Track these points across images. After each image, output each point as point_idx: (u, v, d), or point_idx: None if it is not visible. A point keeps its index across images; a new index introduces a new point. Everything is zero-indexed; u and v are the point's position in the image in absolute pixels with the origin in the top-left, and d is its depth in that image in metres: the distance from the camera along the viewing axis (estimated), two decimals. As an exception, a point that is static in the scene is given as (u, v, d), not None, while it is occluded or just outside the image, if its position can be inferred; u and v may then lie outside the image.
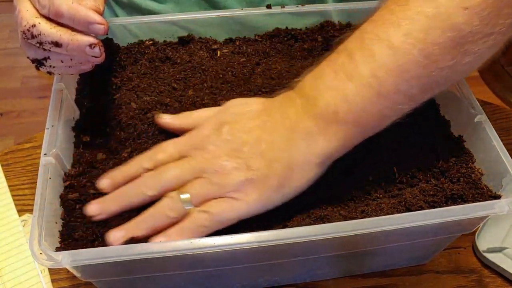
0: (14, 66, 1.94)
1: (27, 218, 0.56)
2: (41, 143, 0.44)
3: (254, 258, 0.43)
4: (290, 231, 0.38)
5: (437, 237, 0.47)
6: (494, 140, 0.46)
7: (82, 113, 0.50)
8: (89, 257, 0.37)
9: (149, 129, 0.47)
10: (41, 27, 0.40)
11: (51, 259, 0.36)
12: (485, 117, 0.47)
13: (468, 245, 0.56)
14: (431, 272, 0.54)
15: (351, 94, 0.40)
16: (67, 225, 0.42)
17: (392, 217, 0.40)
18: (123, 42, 0.56)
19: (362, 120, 0.40)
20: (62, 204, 0.43)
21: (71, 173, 0.45)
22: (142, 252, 0.37)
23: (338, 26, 0.59)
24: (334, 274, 0.52)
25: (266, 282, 0.51)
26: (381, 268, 0.53)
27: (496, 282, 0.53)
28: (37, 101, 1.81)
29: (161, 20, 0.56)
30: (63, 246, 0.40)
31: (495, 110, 0.70)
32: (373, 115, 0.40)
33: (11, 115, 1.77)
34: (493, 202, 0.41)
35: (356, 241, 0.43)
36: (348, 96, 0.40)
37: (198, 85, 0.52)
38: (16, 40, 0.55)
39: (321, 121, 0.41)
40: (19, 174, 0.60)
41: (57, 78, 0.49)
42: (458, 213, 0.40)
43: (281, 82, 0.52)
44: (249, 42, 0.59)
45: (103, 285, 0.45)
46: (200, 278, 0.47)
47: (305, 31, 0.59)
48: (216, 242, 0.37)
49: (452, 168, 0.47)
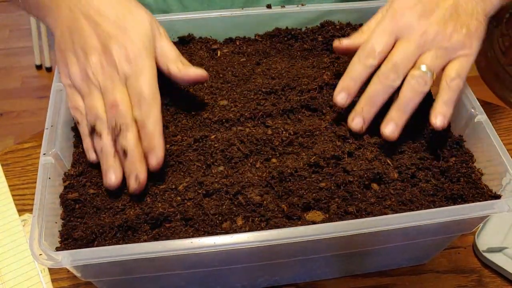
0: (14, 66, 1.94)
1: (27, 218, 0.56)
2: (41, 143, 0.44)
3: (254, 258, 0.43)
4: (290, 231, 0.38)
5: (437, 237, 0.47)
6: (494, 140, 0.46)
7: (82, 113, 0.50)
8: (89, 257, 0.37)
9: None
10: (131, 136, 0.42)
11: (51, 259, 0.36)
12: (485, 117, 0.47)
13: (468, 245, 0.56)
14: (431, 272, 0.54)
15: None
16: (67, 225, 0.42)
17: (392, 217, 0.40)
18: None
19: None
20: (62, 204, 0.43)
21: (71, 173, 0.45)
22: (142, 252, 0.37)
23: (338, 26, 0.59)
24: (334, 274, 0.52)
25: (266, 282, 0.51)
26: (381, 268, 0.53)
27: (496, 282, 0.53)
28: (37, 101, 1.81)
29: (161, 20, 0.56)
30: (63, 246, 0.40)
31: (495, 110, 0.70)
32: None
33: (11, 115, 1.77)
34: (493, 202, 0.41)
35: (356, 241, 0.43)
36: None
37: (198, 84, 0.52)
38: (16, 40, 0.55)
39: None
40: (19, 174, 0.60)
41: (57, 78, 0.49)
42: (458, 213, 0.40)
43: (281, 82, 0.52)
44: (249, 42, 0.59)
45: (103, 285, 0.45)
46: (200, 278, 0.47)
47: (305, 31, 0.59)
48: (216, 242, 0.37)
49: (452, 168, 0.47)
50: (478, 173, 0.47)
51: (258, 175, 0.44)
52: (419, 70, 0.45)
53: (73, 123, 0.49)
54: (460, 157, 0.48)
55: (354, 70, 0.46)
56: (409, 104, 0.45)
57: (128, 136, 0.41)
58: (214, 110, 0.49)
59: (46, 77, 1.90)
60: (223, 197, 0.42)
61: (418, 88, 0.44)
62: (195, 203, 0.42)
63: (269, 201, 0.42)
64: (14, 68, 1.94)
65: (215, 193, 0.43)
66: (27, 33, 1.95)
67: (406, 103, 0.45)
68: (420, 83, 0.44)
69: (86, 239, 0.40)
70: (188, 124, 0.48)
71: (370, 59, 0.46)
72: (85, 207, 0.43)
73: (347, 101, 0.46)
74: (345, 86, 0.46)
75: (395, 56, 0.45)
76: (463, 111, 0.49)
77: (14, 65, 1.95)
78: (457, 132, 0.50)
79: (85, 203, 0.43)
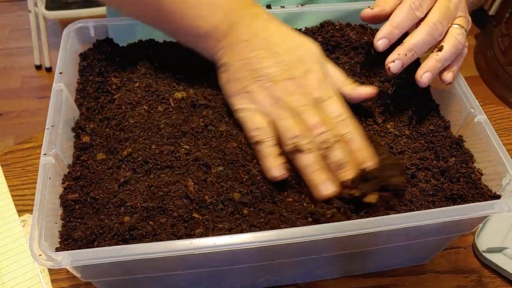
0: (14, 66, 1.94)
1: (27, 218, 0.56)
2: (41, 143, 0.44)
3: (254, 258, 0.43)
4: (290, 231, 0.38)
5: (437, 237, 0.47)
6: (494, 140, 0.46)
7: (82, 113, 0.50)
8: (89, 257, 0.37)
9: (149, 128, 0.47)
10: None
11: (51, 259, 0.36)
12: (485, 117, 0.47)
13: (468, 245, 0.56)
14: (431, 272, 0.54)
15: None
16: (67, 226, 0.42)
17: (392, 217, 0.40)
18: (123, 42, 0.56)
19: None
20: (62, 205, 0.43)
21: (71, 173, 0.45)
22: (142, 252, 0.37)
23: (338, 26, 0.59)
24: (334, 274, 0.52)
25: (266, 282, 0.51)
26: (381, 268, 0.53)
27: (496, 282, 0.53)
28: (37, 101, 1.81)
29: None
30: (63, 247, 0.40)
31: (495, 110, 0.70)
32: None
33: (11, 115, 1.77)
34: (493, 202, 0.41)
35: (356, 241, 0.43)
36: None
37: (198, 84, 0.52)
38: (16, 40, 0.54)
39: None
40: (19, 174, 0.60)
41: (57, 78, 0.49)
42: (458, 213, 0.40)
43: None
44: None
45: (103, 285, 0.45)
46: (200, 278, 0.47)
47: (304, 31, 0.59)
48: (216, 242, 0.37)
49: (452, 168, 0.47)
50: (478, 173, 0.47)
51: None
52: (461, 29, 0.49)
53: (73, 123, 0.49)
54: (460, 157, 0.48)
55: (401, 19, 0.48)
56: (451, 58, 0.48)
57: (339, 151, 0.43)
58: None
59: (46, 77, 1.90)
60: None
61: (459, 44, 0.48)
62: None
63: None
64: (14, 68, 1.94)
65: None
66: (27, 33, 1.95)
67: (450, 56, 0.48)
68: (461, 40, 0.48)
69: (86, 239, 0.40)
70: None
71: (418, 12, 0.48)
72: (85, 207, 0.43)
73: (386, 47, 0.48)
74: (388, 33, 0.48)
75: (442, 12, 0.48)
76: (463, 111, 0.49)
77: (14, 65, 1.95)
78: (457, 132, 0.50)
79: (85, 203, 0.43)
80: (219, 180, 0.44)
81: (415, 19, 0.48)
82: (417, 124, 0.50)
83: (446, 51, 0.48)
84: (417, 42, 0.47)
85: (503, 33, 1.87)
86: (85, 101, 0.51)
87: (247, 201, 0.43)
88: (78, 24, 0.54)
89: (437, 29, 0.48)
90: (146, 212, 0.41)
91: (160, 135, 0.47)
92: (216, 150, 0.46)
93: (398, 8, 0.49)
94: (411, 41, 0.47)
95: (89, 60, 0.53)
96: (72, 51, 0.53)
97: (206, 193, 0.43)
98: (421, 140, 0.49)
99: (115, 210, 0.42)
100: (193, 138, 0.47)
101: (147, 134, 0.47)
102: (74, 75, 0.52)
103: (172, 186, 0.43)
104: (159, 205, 0.42)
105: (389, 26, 0.48)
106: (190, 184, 0.43)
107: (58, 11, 1.78)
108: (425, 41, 0.47)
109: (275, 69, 0.45)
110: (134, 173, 0.44)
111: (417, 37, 0.47)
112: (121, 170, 0.45)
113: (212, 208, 0.42)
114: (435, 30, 0.48)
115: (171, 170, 0.44)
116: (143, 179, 0.44)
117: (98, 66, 0.53)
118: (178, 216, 0.41)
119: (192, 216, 0.41)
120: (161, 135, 0.47)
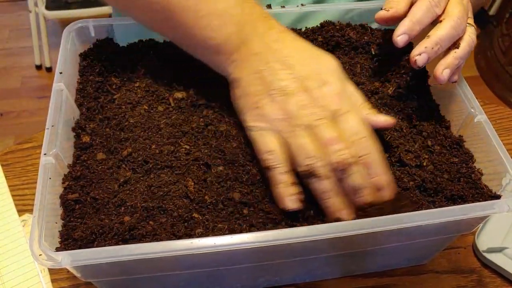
0: (14, 66, 1.95)
1: (27, 218, 0.56)
2: (41, 143, 0.44)
3: (254, 258, 0.43)
4: (290, 231, 0.38)
5: (437, 237, 0.47)
6: (494, 140, 0.46)
7: (82, 113, 0.50)
8: (89, 257, 0.37)
9: (149, 128, 0.47)
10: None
11: (51, 259, 0.36)
12: (485, 117, 0.47)
13: (468, 245, 0.56)
14: (431, 272, 0.54)
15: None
16: (67, 226, 0.42)
17: (392, 217, 0.40)
18: (123, 42, 0.56)
19: None
20: (62, 204, 0.43)
21: (71, 173, 0.45)
22: (142, 252, 0.37)
23: (338, 26, 0.59)
24: (334, 274, 0.52)
25: (266, 282, 0.51)
26: (381, 268, 0.53)
27: (496, 282, 0.53)
28: (37, 101, 1.81)
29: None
30: (63, 246, 0.40)
31: (495, 110, 0.70)
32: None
33: (11, 115, 1.77)
34: (493, 202, 0.41)
35: (356, 241, 0.43)
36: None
37: (198, 84, 0.52)
38: (16, 40, 0.53)
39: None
40: (19, 174, 0.60)
41: (57, 78, 0.49)
42: (458, 213, 0.40)
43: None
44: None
45: (103, 285, 0.45)
46: (200, 278, 0.47)
47: (305, 31, 0.59)
48: (216, 242, 0.37)
49: (452, 168, 0.47)
50: (478, 173, 0.47)
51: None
52: (473, 27, 0.49)
53: (73, 123, 0.49)
54: (460, 157, 0.48)
55: (421, 15, 0.48)
56: (466, 56, 0.48)
57: (356, 176, 0.41)
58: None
59: (46, 77, 1.90)
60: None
61: (473, 43, 0.49)
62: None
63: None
64: (14, 68, 1.94)
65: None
66: (27, 33, 1.95)
67: (465, 55, 0.48)
68: (474, 40, 0.49)
69: (86, 239, 0.40)
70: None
71: (437, 9, 0.48)
72: (85, 207, 0.43)
73: (406, 43, 0.48)
74: (408, 28, 0.47)
75: (461, 9, 0.48)
76: (463, 111, 0.49)
77: (14, 65, 1.95)
78: (457, 132, 0.50)
79: (85, 203, 0.43)
80: (219, 180, 0.44)
81: (434, 16, 0.48)
82: (417, 124, 0.50)
83: (463, 49, 0.48)
84: (443, 35, 0.46)
85: (504, 33, 1.87)
86: (85, 101, 0.51)
87: (247, 201, 0.43)
88: (78, 24, 0.54)
89: (461, 24, 0.47)
90: (146, 212, 0.41)
91: (160, 135, 0.47)
92: (216, 150, 0.46)
93: (417, 5, 0.48)
94: (438, 34, 0.47)
95: (89, 60, 0.53)
96: (72, 51, 0.53)
97: (206, 193, 0.43)
98: (421, 140, 0.49)
99: (115, 210, 0.42)
100: (193, 138, 0.47)
101: (147, 134, 0.47)
102: (74, 75, 0.52)
103: (172, 186, 0.43)
104: (159, 205, 0.42)
105: (409, 22, 0.47)
106: (190, 184, 0.43)
107: (58, 11, 1.78)
108: (450, 35, 0.47)
109: (288, 82, 0.43)
110: (134, 173, 0.44)
111: (443, 31, 0.47)
112: (121, 170, 0.45)
113: (212, 208, 0.42)
114: (459, 25, 0.47)
115: (171, 170, 0.44)
116: (143, 179, 0.44)
117: (98, 66, 0.53)
118: (178, 216, 0.41)
119: (192, 216, 0.42)
120: (161, 135, 0.47)
